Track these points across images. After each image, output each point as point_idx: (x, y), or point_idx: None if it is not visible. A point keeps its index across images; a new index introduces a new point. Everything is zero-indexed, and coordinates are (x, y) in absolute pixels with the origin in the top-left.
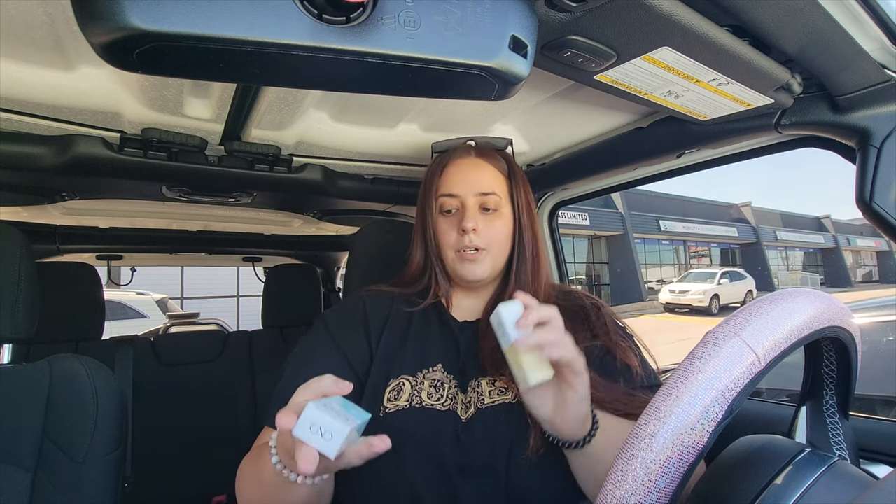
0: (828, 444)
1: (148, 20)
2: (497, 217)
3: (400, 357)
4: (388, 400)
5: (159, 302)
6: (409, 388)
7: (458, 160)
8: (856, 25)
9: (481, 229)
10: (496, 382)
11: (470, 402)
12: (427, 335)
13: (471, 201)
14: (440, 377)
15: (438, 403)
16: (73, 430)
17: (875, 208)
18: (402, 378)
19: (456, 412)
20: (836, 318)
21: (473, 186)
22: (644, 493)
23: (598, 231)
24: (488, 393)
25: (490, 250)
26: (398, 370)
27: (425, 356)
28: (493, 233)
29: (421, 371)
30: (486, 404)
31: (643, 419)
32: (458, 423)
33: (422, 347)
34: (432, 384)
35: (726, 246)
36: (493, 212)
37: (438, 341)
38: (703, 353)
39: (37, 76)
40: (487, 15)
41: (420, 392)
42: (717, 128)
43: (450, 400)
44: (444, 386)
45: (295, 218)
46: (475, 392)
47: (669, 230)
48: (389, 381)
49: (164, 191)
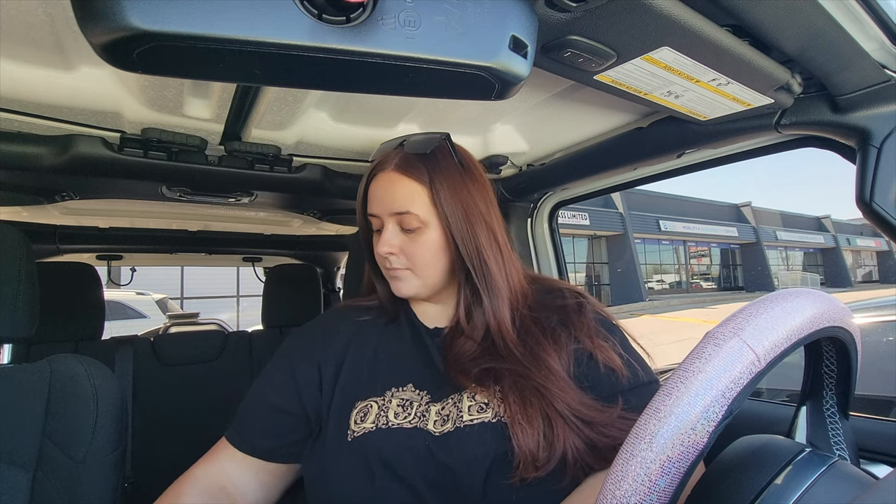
0: (828, 444)
1: (148, 20)
2: (420, 234)
3: (368, 378)
4: (354, 423)
5: (159, 302)
6: (376, 409)
7: (380, 174)
8: (856, 25)
9: (403, 249)
10: (476, 396)
11: (448, 416)
12: (399, 348)
13: (389, 223)
14: (409, 396)
15: (405, 421)
16: (73, 430)
17: (875, 208)
18: (369, 400)
19: (425, 428)
20: (836, 318)
21: (388, 206)
22: (644, 493)
23: (598, 231)
24: (468, 409)
25: (415, 270)
26: (366, 392)
27: (395, 374)
28: (416, 251)
29: (390, 390)
30: (464, 422)
31: (643, 419)
32: (429, 437)
33: (392, 365)
34: (400, 403)
35: (726, 246)
36: (415, 230)
37: (409, 354)
38: (703, 352)
39: (37, 76)
40: (487, 15)
41: (387, 412)
42: (717, 128)
43: (418, 417)
44: (413, 404)
45: (295, 218)
46: (455, 406)
47: (669, 230)
48: (356, 404)
49: (163, 191)
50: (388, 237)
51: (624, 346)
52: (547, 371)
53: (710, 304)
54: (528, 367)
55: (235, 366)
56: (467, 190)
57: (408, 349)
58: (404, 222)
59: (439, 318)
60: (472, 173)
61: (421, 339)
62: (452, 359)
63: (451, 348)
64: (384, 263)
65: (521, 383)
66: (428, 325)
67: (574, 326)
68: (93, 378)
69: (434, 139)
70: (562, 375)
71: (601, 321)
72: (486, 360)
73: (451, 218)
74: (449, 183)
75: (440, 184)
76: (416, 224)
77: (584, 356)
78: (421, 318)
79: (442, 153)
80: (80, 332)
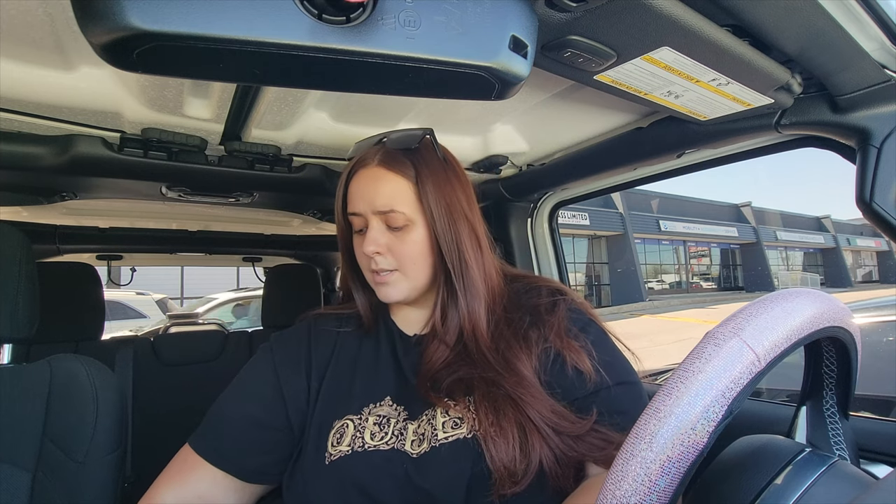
0: (828, 444)
1: (148, 20)
2: (407, 232)
3: (346, 393)
4: (331, 445)
5: (159, 302)
6: (352, 429)
7: (361, 171)
8: (856, 25)
9: (390, 248)
10: (449, 412)
11: (423, 434)
12: (376, 360)
13: (374, 221)
14: (386, 412)
15: (382, 443)
16: (73, 430)
17: (875, 208)
18: (346, 419)
19: (403, 449)
20: (836, 318)
21: (372, 204)
22: (644, 493)
23: (598, 231)
24: (441, 426)
25: (403, 270)
26: (344, 409)
27: (373, 388)
28: (404, 250)
29: (367, 406)
30: (439, 440)
31: (643, 419)
32: (407, 460)
33: (369, 378)
34: (377, 421)
35: (726, 246)
36: (402, 228)
37: (386, 365)
38: (703, 352)
39: (37, 76)
40: (487, 15)
41: (363, 432)
42: (717, 128)
43: (395, 437)
44: (391, 421)
45: (295, 218)
46: (429, 424)
47: (669, 230)
48: (334, 423)
49: (163, 191)
50: (374, 236)
51: (597, 345)
52: (518, 377)
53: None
54: (500, 372)
55: (235, 366)
56: (451, 186)
57: (385, 361)
58: (390, 220)
59: (419, 323)
60: (454, 169)
61: (396, 350)
62: (424, 370)
63: (423, 355)
64: (369, 266)
65: (493, 393)
66: (408, 332)
67: (545, 325)
68: (93, 378)
69: (417, 134)
70: (533, 382)
71: (575, 319)
72: (459, 365)
73: (435, 215)
74: (434, 179)
75: (426, 179)
76: (402, 222)
77: (552, 355)
78: (401, 325)
79: (426, 148)
80: (80, 332)
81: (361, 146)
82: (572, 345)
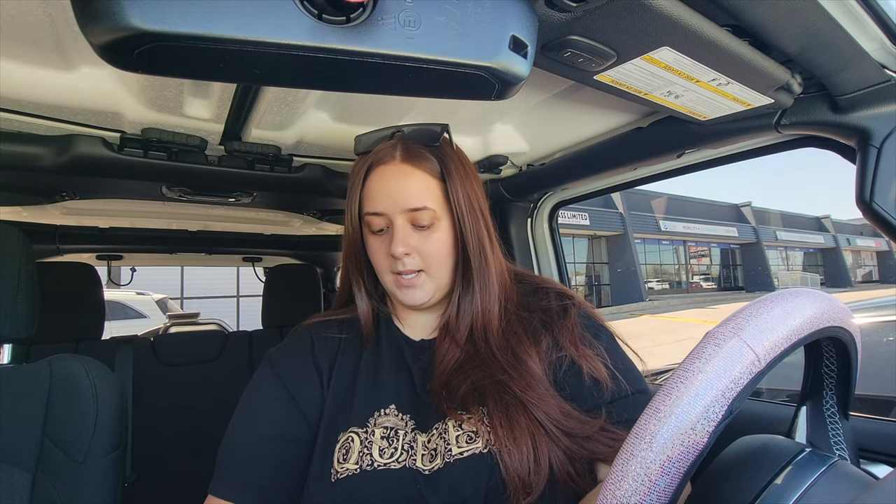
0: (828, 444)
1: (148, 20)
2: (433, 231)
3: (349, 404)
4: (337, 461)
5: (159, 302)
6: (359, 443)
7: (382, 167)
8: (856, 25)
9: (417, 248)
10: (463, 425)
11: (435, 450)
12: (379, 366)
13: (399, 220)
14: (393, 422)
15: (392, 461)
16: (73, 430)
17: (875, 208)
18: (350, 431)
19: (414, 467)
20: (836, 318)
21: (400, 202)
22: (644, 493)
23: (598, 231)
24: (455, 440)
25: (430, 270)
26: (347, 421)
27: (377, 396)
28: (431, 250)
29: (372, 417)
30: (453, 456)
31: (643, 419)
32: (419, 478)
33: (373, 385)
34: (384, 434)
35: (726, 246)
36: (428, 227)
37: (390, 372)
38: (703, 352)
39: (37, 76)
40: (487, 15)
41: (371, 448)
42: (717, 128)
43: (405, 452)
44: (399, 433)
45: (295, 218)
46: (441, 438)
47: (669, 230)
48: (339, 437)
49: (164, 191)
50: (402, 236)
51: (611, 352)
52: (528, 377)
53: (710, 304)
54: (509, 371)
55: (235, 366)
56: (471, 182)
57: (389, 368)
58: (417, 219)
59: (428, 328)
60: (470, 165)
61: (402, 356)
62: (438, 371)
63: (435, 357)
64: (394, 268)
65: (504, 399)
66: (413, 338)
67: (558, 331)
68: (93, 378)
69: (437, 130)
70: (542, 380)
71: (587, 325)
72: (470, 367)
73: (462, 212)
74: (458, 175)
75: (453, 175)
76: (429, 220)
77: (566, 363)
78: (406, 331)
79: (447, 144)
80: (80, 333)
81: (367, 141)
82: (587, 353)
